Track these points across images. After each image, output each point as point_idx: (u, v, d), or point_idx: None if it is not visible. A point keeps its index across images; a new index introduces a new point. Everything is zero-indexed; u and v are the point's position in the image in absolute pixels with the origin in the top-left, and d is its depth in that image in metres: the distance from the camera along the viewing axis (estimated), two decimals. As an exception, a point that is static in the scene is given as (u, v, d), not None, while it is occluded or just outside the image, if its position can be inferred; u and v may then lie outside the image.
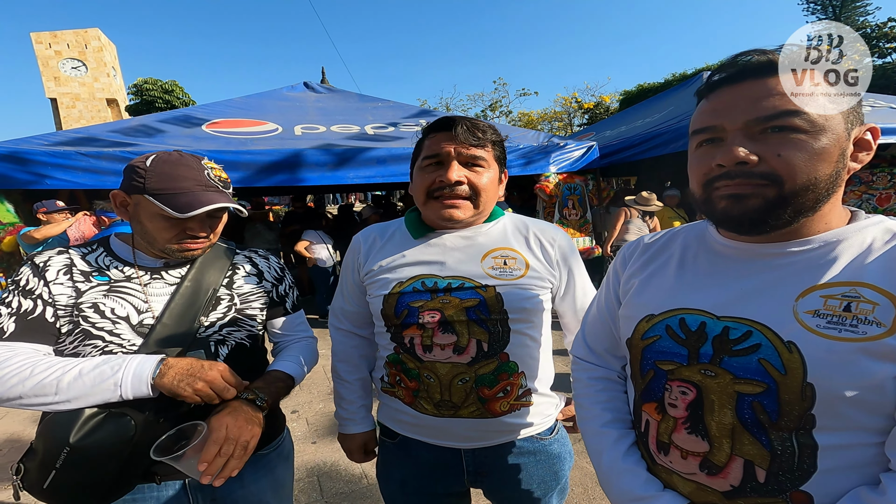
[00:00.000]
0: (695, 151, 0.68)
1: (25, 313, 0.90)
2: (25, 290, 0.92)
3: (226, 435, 0.84)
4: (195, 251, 1.03)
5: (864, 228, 0.62)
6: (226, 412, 0.89)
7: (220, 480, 0.82)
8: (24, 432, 2.96)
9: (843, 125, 0.59)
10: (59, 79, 35.46)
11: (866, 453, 0.57)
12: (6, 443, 2.86)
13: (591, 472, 2.30)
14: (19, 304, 0.91)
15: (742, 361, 0.62)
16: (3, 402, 0.83)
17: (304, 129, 4.55)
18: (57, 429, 0.82)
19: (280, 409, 1.22)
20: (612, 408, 0.83)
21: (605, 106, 20.39)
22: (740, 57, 0.62)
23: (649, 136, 4.58)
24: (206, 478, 0.81)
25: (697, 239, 0.77)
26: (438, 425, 1.03)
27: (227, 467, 0.83)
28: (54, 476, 0.81)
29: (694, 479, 0.66)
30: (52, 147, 3.53)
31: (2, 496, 2.31)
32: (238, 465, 0.85)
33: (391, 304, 1.02)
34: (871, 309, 0.56)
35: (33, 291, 0.92)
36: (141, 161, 0.97)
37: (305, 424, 2.94)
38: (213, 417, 0.87)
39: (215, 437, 0.83)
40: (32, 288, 0.93)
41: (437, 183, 1.00)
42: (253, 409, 0.93)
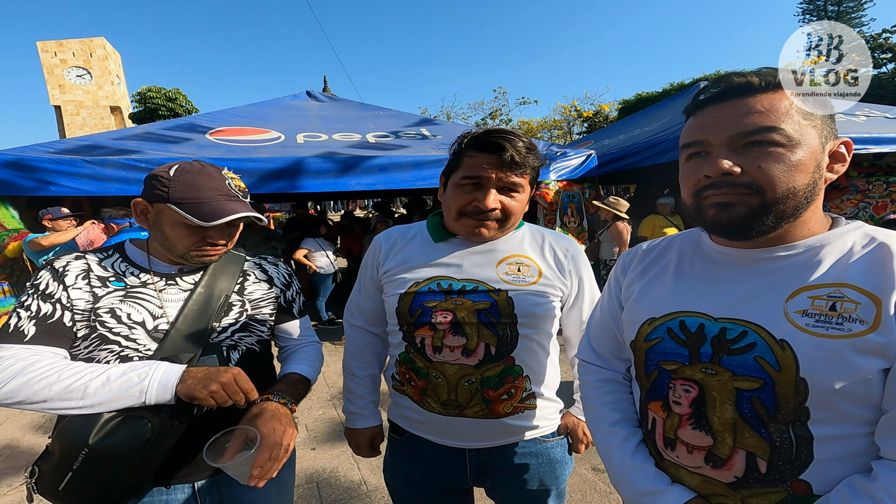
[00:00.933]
0: (685, 164, 0.73)
1: (45, 317, 0.92)
2: (45, 294, 0.94)
3: (275, 440, 0.86)
4: (212, 257, 1.05)
5: (845, 234, 0.66)
6: (270, 416, 0.90)
7: (263, 482, 0.83)
8: (23, 438, 2.96)
9: (818, 139, 0.65)
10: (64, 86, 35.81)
11: (859, 443, 0.60)
12: (5, 448, 2.85)
13: (590, 479, 2.30)
14: (38, 307, 0.92)
15: (739, 360, 0.65)
16: (27, 405, 0.84)
17: (307, 138, 4.60)
18: (76, 430, 0.83)
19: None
20: (620, 408, 0.87)
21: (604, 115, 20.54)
22: (723, 79, 0.68)
23: (647, 145, 4.63)
24: (254, 480, 0.82)
25: (692, 246, 0.81)
26: (444, 424, 1.06)
27: (273, 469, 0.85)
28: (70, 477, 0.82)
29: (700, 473, 0.69)
30: (57, 154, 3.56)
31: (2, 501, 2.30)
32: (279, 467, 0.86)
33: (406, 303, 1.05)
34: (854, 308, 0.60)
35: (53, 295, 0.94)
36: (164, 171, 0.99)
37: (305, 431, 2.94)
38: (261, 422, 0.88)
39: (268, 441, 0.85)
40: (52, 292, 0.94)
41: (473, 206, 1.02)
42: (286, 412, 0.95)
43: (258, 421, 0.88)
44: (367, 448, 1.23)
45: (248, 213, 1.00)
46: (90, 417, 0.84)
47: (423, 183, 4.10)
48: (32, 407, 0.84)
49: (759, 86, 0.65)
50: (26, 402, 0.84)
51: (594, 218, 5.39)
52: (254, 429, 0.87)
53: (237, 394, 0.90)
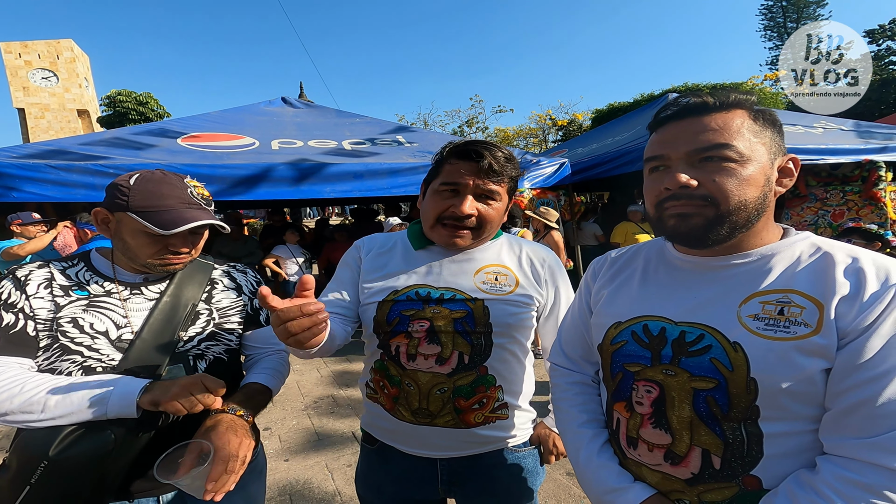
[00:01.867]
0: (648, 176, 0.78)
1: (7, 327, 0.90)
2: (7, 304, 0.92)
3: (230, 452, 0.84)
4: (176, 266, 1.03)
5: (794, 243, 0.71)
6: (225, 428, 0.87)
7: (220, 496, 0.81)
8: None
9: (767, 156, 0.70)
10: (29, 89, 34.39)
11: (805, 440, 0.64)
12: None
13: (564, 483, 2.32)
14: (0, 317, 0.90)
15: (697, 361, 0.69)
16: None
17: (282, 144, 4.54)
18: (36, 442, 0.81)
19: (255, 426, 1.21)
20: (588, 409, 0.90)
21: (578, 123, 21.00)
22: (681, 98, 0.74)
23: (619, 154, 4.78)
24: (209, 494, 0.80)
25: (657, 253, 0.86)
26: (415, 433, 1.05)
27: (230, 482, 0.83)
28: (28, 491, 0.80)
29: (660, 470, 0.72)
30: (21, 160, 3.41)
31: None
32: (236, 479, 0.84)
33: (384, 311, 1.05)
34: (800, 312, 0.64)
35: (15, 305, 0.92)
36: (124, 179, 0.98)
37: (278, 441, 2.87)
38: (215, 435, 0.85)
39: (222, 454, 0.83)
40: (14, 301, 0.92)
41: (450, 212, 1.03)
42: (243, 423, 0.93)
43: (212, 434, 0.86)
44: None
45: (209, 220, 0.99)
46: (51, 430, 0.82)
47: (398, 191, 4.10)
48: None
49: (714, 105, 0.70)
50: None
51: (569, 225, 5.50)
52: (207, 442, 0.84)
53: (205, 396, 0.88)
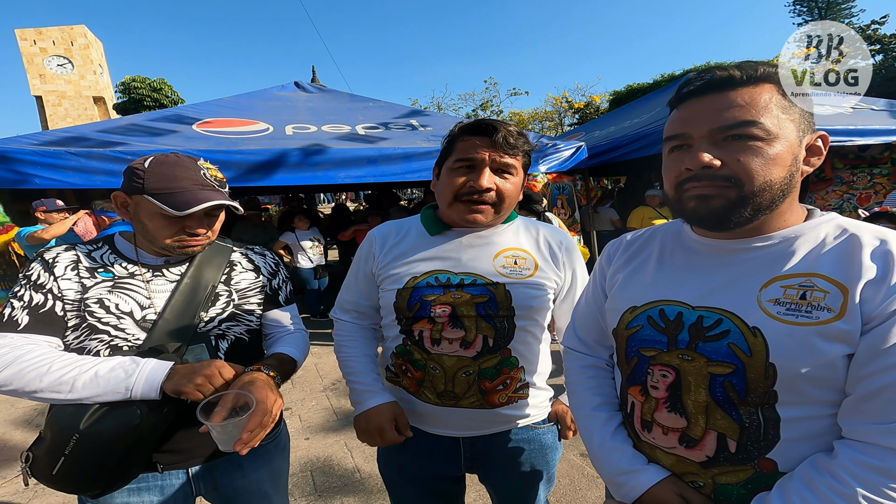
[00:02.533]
0: (667, 156, 0.75)
1: (37, 307, 0.94)
2: (37, 285, 0.95)
3: (268, 406, 0.89)
4: (194, 248, 1.06)
5: (818, 225, 0.68)
6: (262, 384, 0.92)
7: (248, 448, 0.85)
8: (14, 433, 2.94)
9: (796, 133, 0.66)
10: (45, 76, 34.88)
11: (823, 424, 0.63)
12: (-5, 444, 2.84)
13: (577, 464, 2.35)
14: (31, 297, 0.94)
15: (714, 346, 0.68)
16: (20, 394, 0.86)
17: (295, 129, 4.55)
18: (68, 417, 0.86)
19: None
20: (601, 392, 0.90)
21: (595, 106, 20.56)
22: (705, 73, 0.70)
23: (637, 137, 4.66)
24: (240, 444, 0.84)
25: (674, 237, 0.84)
26: (439, 414, 1.08)
27: (258, 437, 0.87)
28: (63, 462, 0.84)
29: (674, 453, 0.73)
30: (41, 147, 3.50)
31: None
32: (263, 435, 0.88)
33: (404, 298, 1.06)
34: (823, 297, 0.62)
35: (44, 286, 0.95)
36: (139, 163, 1.00)
37: (299, 421, 2.96)
38: (254, 389, 0.90)
39: (262, 407, 0.87)
40: (43, 282, 0.96)
41: (468, 187, 1.02)
42: (275, 385, 0.97)
43: (251, 388, 0.90)
44: (391, 430, 1.04)
45: (221, 200, 1.01)
46: (81, 405, 0.86)
47: (412, 175, 4.09)
48: (25, 396, 0.86)
49: (740, 80, 0.66)
50: (19, 391, 0.86)
51: (584, 210, 5.43)
52: (249, 394, 0.88)
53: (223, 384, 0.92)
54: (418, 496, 1.18)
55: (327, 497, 2.19)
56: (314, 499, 2.18)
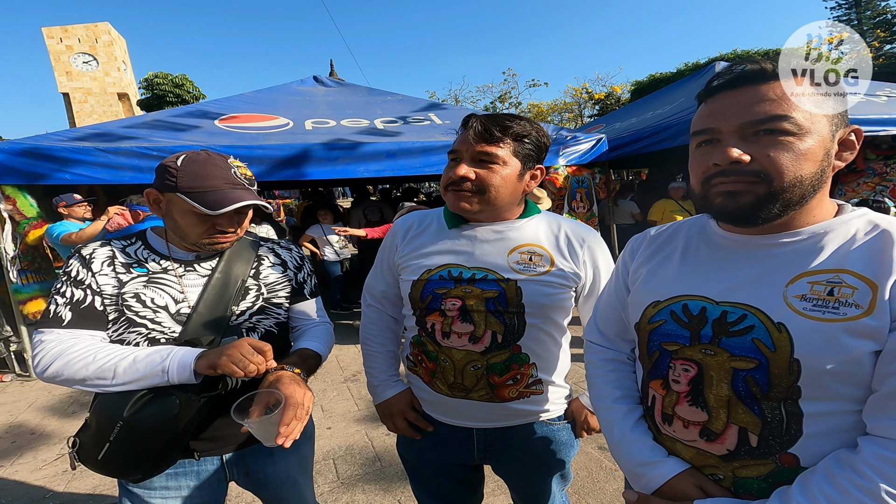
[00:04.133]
0: (695, 151, 0.74)
1: (78, 302, 0.98)
2: (76, 281, 1.00)
3: (298, 400, 0.91)
4: (224, 245, 1.10)
5: (849, 221, 0.67)
6: (289, 380, 0.95)
7: (290, 441, 0.87)
8: (43, 421, 3.10)
9: (828, 128, 0.65)
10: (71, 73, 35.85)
11: (847, 420, 0.63)
12: (37, 427, 3.00)
13: (596, 457, 2.36)
14: (72, 294, 0.98)
15: (738, 341, 0.68)
16: (70, 383, 0.92)
17: (315, 124, 4.61)
18: (111, 405, 0.91)
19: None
20: (622, 386, 0.90)
21: (616, 97, 20.14)
22: (736, 65, 0.69)
23: (659, 129, 4.56)
24: (281, 438, 0.87)
25: (699, 232, 0.83)
26: (451, 405, 1.11)
27: (297, 429, 0.90)
28: (108, 448, 0.90)
29: (694, 446, 0.73)
30: (71, 143, 3.63)
31: (21, 473, 2.45)
32: (301, 427, 0.90)
33: (418, 289, 1.09)
34: (851, 293, 0.61)
35: (83, 282, 1.00)
36: (172, 161, 1.03)
37: (321, 411, 3.04)
38: (282, 385, 0.93)
39: (292, 402, 0.90)
40: (82, 279, 1.00)
41: (449, 178, 1.06)
42: (303, 380, 1.01)
43: (279, 385, 0.93)
44: (402, 419, 1.19)
45: (253, 200, 1.04)
46: (124, 393, 0.91)
47: (431, 169, 4.11)
48: (74, 385, 0.92)
49: (772, 73, 0.65)
50: (70, 381, 0.91)
51: (604, 203, 5.36)
52: (277, 391, 0.92)
53: (253, 354, 0.93)
54: (436, 480, 1.22)
55: (349, 484, 2.26)
56: (337, 486, 2.25)
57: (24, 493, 2.30)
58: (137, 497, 1.05)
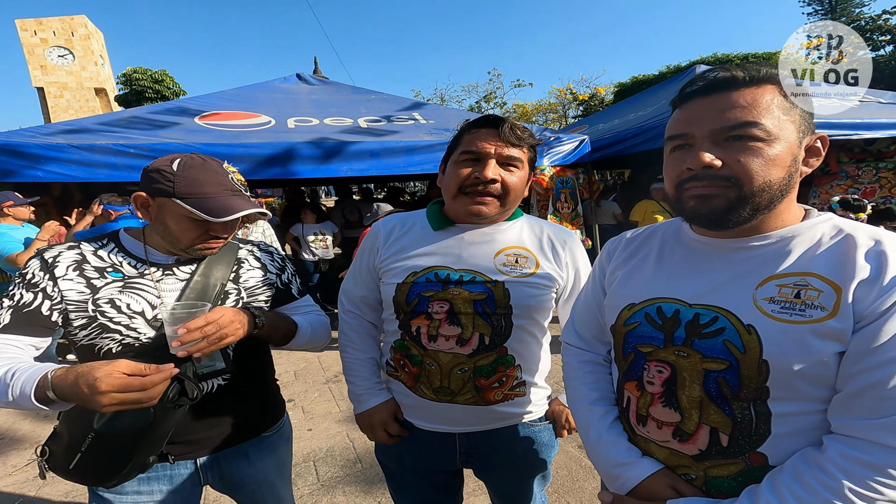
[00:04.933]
0: (669, 156, 0.76)
1: (22, 306, 0.93)
2: (29, 284, 0.95)
3: (217, 319, 0.92)
4: (214, 250, 1.07)
5: (815, 225, 0.70)
6: (228, 308, 0.97)
7: (182, 351, 0.89)
8: (14, 425, 2.99)
9: (796, 134, 0.68)
10: (46, 67, 34.69)
11: (813, 420, 0.65)
12: (6, 432, 2.90)
13: (576, 456, 2.38)
14: (20, 297, 0.94)
15: (709, 343, 0.70)
16: None
17: (298, 122, 4.55)
18: (80, 417, 0.87)
19: (280, 395, 1.28)
20: (599, 388, 0.91)
21: (599, 97, 20.37)
22: (709, 73, 0.70)
23: (641, 130, 4.64)
24: (176, 341, 0.88)
25: (674, 235, 0.85)
26: (436, 409, 1.09)
27: (197, 346, 0.90)
28: (80, 458, 0.87)
29: (668, 446, 0.75)
30: (44, 139, 3.51)
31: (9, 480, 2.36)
32: (204, 351, 0.90)
33: (403, 293, 1.07)
34: (817, 296, 0.64)
35: (37, 285, 0.95)
36: (166, 164, 0.99)
37: (301, 412, 3.00)
38: (218, 307, 0.96)
39: (210, 315, 0.92)
40: (37, 282, 0.95)
41: (472, 179, 1.03)
42: (250, 319, 1.01)
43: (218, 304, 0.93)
44: (382, 430, 1.14)
45: (253, 209, 1.01)
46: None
47: (415, 169, 4.09)
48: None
49: (743, 80, 0.67)
50: None
51: (587, 203, 5.42)
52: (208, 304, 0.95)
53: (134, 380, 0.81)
54: (416, 486, 1.21)
55: (330, 486, 2.23)
56: (317, 488, 2.22)
57: (-8, 502, 2.22)
58: (108, 503, 1.02)
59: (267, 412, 1.21)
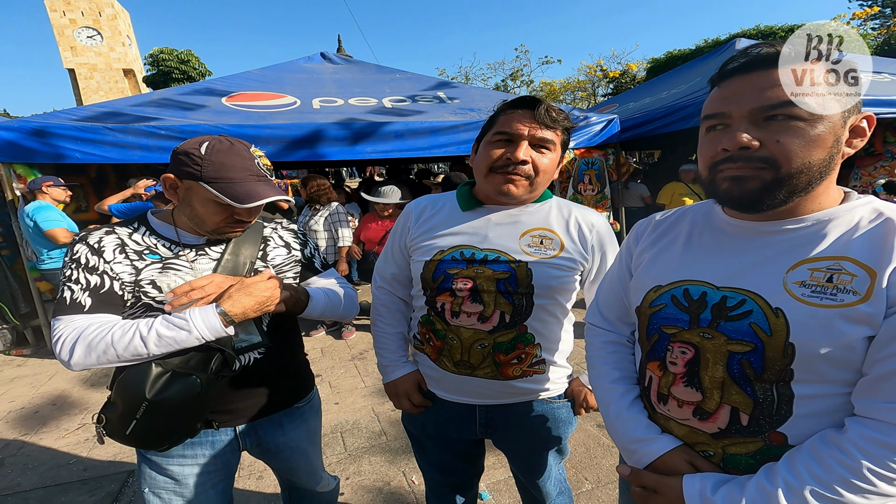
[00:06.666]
0: (704, 136, 0.74)
1: (97, 288, 0.99)
2: (90, 268, 1.00)
3: (203, 285, 0.99)
4: (238, 233, 1.12)
5: (854, 208, 0.67)
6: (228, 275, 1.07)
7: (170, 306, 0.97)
8: (64, 392, 3.23)
9: (841, 114, 0.64)
10: (76, 48, 35.47)
11: (836, 402, 0.65)
12: (57, 398, 3.13)
13: (594, 434, 2.42)
14: (87, 280, 0.99)
15: (735, 325, 0.69)
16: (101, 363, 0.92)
17: (322, 103, 4.57)
18: (133, 386, 0.93)
19: (310, 369, 1.35)
20: (620, 367, 0.93)
21: (631, 74, 19.61)
22: (751, 49, 0.68)
23: (674, 109, 4.47)
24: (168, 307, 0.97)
25: (704, 217, 0.84)
26: (456, 382, 1.14)
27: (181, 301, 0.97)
28: (135, 425, 0.94)
29: (687, 424, 0.76)
30: (80, 122, 3.64)
31: (46, 441, 2.57)
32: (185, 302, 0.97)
33: (430, 270, 1.11)
34: (850, 280, 0.62)
35: (97, 268, 1.00)
36: (194, 147, 1.01)
37: (329, 387, 3.12)
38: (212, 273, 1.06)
39: (195, 281, 1.00)
40: (95, 265, 1.00)
41: (504, 160, 1.05)
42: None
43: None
44: (406, 400, 1.22)
45: (279, 196, 1.04)
46: (142, 375, 0.93)
47: (439, 150, 4.08)
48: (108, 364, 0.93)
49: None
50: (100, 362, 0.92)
51: (615, 185, 5.30)
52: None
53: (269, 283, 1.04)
54: (439, 453, 1.28)
55: (356, 456, 2.34)
56: (344, 457, 2.34)
57: (50, 459, 2.42)
58: (155, 464, 1.11)
59: (298, 385, 1.28)
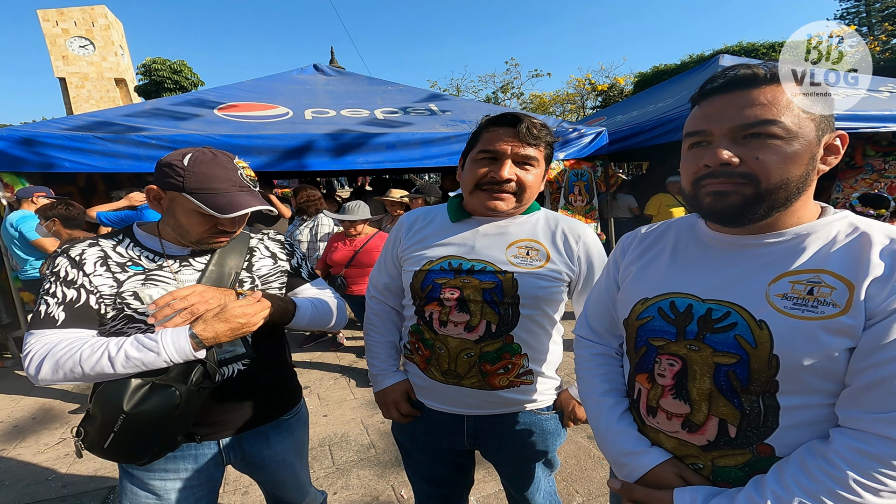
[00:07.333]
0: (687, 152, 0.76)
1: (72, 302, 0.98)
2: (67, 281, 0.99)
3: (185, 295, 0.97)
4: (222, 243, 1.11)
5: (831, 223, 0.70)
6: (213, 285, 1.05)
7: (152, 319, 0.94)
8: (45, 405, 3.14)
9: (815, 133, 0.68)
10: (68, 58, 35.26)
11: (821, 413, 0.66)
12: (38, 411, 3.04)
13: (584, 446, 2.41)
14: (64, 294, 0.98)
15: (721, 337, 0.71)
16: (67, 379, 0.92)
17: (314, 114, 4.59)
18: (111, 398, 0.91)
19: (297, 381, 1.34)
20: (609, 379, 0.93)
21: (619, 88, 20.00)
22: (729, 70, 0.71)
23: (660, 122, 4.56)
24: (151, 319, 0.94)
25: (688, 230, 0.86)
26: (444, 391, 1.15)
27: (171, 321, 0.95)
28: (113, 438, 0.92)
29: (676, 437, 0.76)
30: (69, 131, 3.60)
31: (25, 456, 2.50)
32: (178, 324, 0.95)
33: (419, 280, 1.13)
34: (830, 292, 0.64)
35: (75, 282, 0.99)
36: (177, 159, 1.02)
37: (317, 399, 3.08)
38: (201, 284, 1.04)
39: (177, 291, 0.97)
40: (73, 279, 0.99)
41: (489, 178, 1.07)
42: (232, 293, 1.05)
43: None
44: (395, 409, 1.23)
45: (260, 206, 1.04)
46: (120, 387, 0.91)
47: (431, 161, 4.10)
48: (74, 381, 0.92)
49: (764, 78, 0.68)
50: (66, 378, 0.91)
51: (603, 196, 5.36)
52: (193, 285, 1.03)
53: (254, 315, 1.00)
54: (428, 463, 1.28)
55: (345, 470, 2.30)
56: (332, 471, 2.30)
57: (28, 475, 2.34)
58: (137, 479, 1.08)
59: (284, 396, 1.26)
